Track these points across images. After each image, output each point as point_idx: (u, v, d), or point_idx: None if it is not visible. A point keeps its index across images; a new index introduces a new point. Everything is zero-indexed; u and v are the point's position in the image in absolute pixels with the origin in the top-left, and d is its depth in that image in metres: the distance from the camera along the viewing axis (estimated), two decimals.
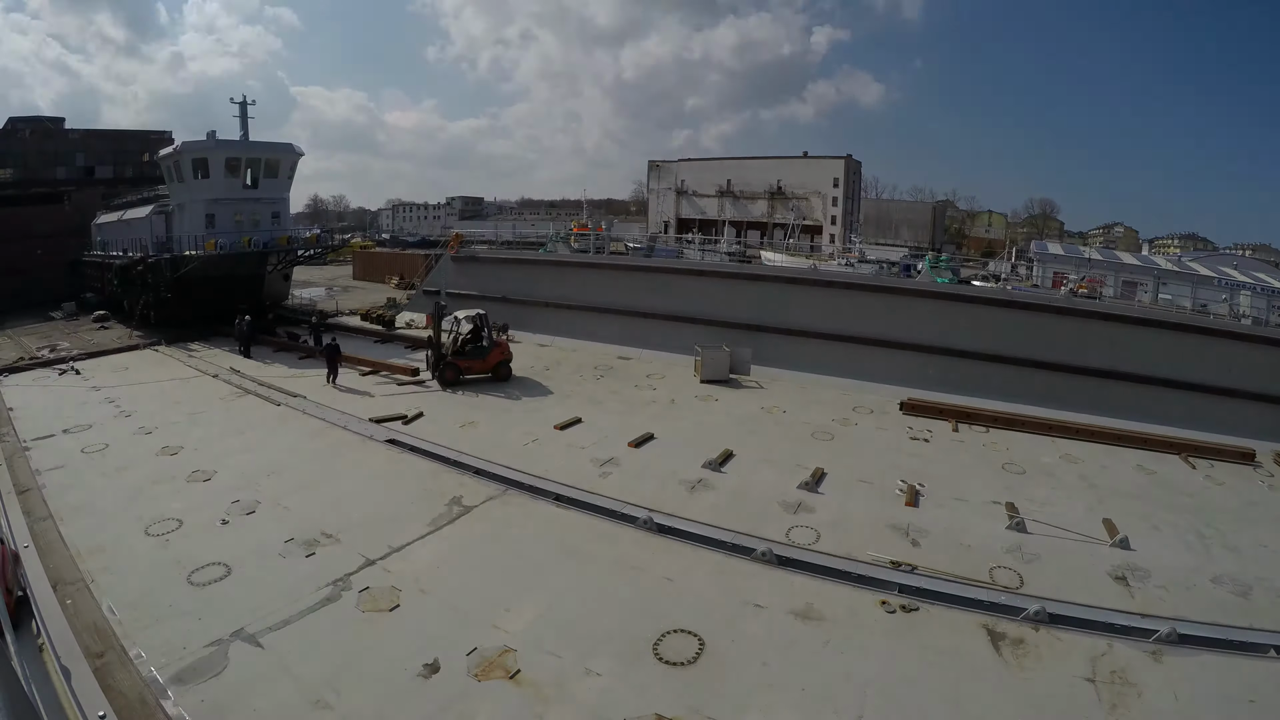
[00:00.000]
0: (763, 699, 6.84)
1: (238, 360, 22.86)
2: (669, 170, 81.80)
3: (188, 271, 26.78)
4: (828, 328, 21.52)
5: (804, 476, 12.53)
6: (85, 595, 8.50)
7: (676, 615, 8.22)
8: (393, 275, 45.46)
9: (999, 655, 7.62)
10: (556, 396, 18.58)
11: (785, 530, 10.57)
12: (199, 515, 10.82)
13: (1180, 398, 17.26)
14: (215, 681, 6.95)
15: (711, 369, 20.43)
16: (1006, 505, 11.71)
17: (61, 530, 10.29)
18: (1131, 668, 7.40)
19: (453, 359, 19.49)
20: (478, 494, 11.82)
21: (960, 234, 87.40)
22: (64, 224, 41.25)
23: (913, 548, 10.15)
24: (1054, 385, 18.37)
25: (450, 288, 30.75)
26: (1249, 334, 18.58)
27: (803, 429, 16.10)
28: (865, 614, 8.40)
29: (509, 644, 7.59)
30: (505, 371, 20.03)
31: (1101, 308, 21.01)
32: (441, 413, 16.78)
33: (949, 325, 20.19)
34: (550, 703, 6.73)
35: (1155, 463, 14.53)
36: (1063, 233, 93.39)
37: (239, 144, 29.07)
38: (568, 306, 26.54)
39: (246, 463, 13.19)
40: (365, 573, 9.13)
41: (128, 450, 13.98)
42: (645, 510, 10.88)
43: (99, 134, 49.95)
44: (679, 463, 13.38)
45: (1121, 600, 8.84)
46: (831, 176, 72.56)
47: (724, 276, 25.50)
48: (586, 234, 37.18)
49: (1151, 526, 11.16)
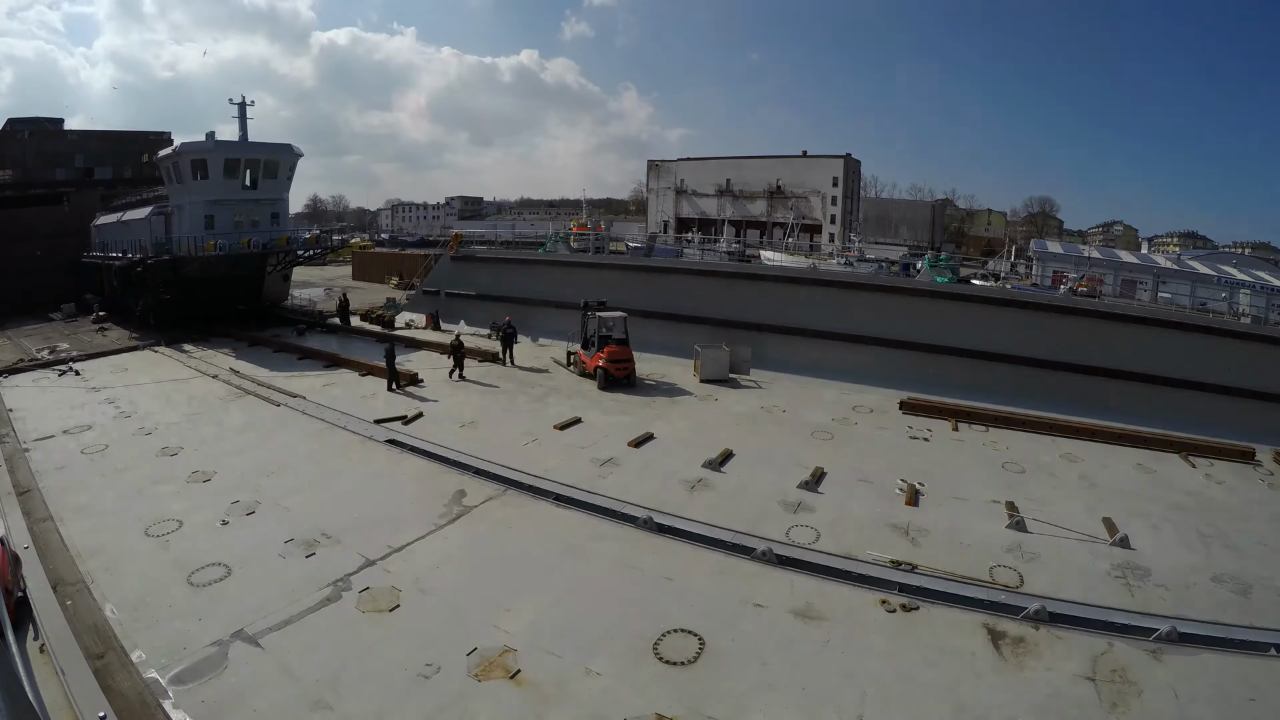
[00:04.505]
0: (763, 699, 6.84)
1: (237, 361, 22.85)
2: (668, 170, 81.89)
3: (187, 272, 26.79)
4: (827, 327, 21.50)
5: (804, 476, 12.52)
6: (85, 596, 8.50)
7: (676, 615, 8.22)
8: (392, 275, 45.48)
9: (999, 654, 7.62)
10: (556, 396, 18.58)
11: (785, 530, 10.57)
12: (199, 516, 10.82)
13: (1180, 397, 17.23)
14: (215, 682, 6.95)
15: (711, 369, 20.43)
16: (1006, 504, 11.71)
17: (62, 531, 10.29)
18: (1131, 666, 7.40)
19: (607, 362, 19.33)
20: (478, 494, 11.82)
21: (960, 233, 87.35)
22: (63, 225, 41.17)
23: (913, 547, 10.14)
24: (1054, 384, 18.35)
25: (449, 288, 30.80)
26: (1249, 332, 18.59)
27: (802, 429, 16.10)
28: (865, 613, 8.40)
29: (509, 644, 7.59)
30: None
31: (1101, 306, 21.03)
32: (441, 413, 16.78)
33: (949, 325, 20.17)
34: (550, 703, 6.73)
35: (1155, 462, 14.51)
36: (1062, 231, 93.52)
37: (238, 145, 29.05)
38: (568, 306, 26.52)
39: (246, 463, 13.19)
40: (365, 573, 9.13)
41: (128, 451, 13.98)
42: (645, 510, 10.88)
43: (98, 135, 49.90)
44: (679, 462, 13.38)
45: (1121, 599, 8.84)
46: (831, 175, 72.68)
47: (723, 276, 25.47)
48: (586, 234, 37.23)
49: (1151, 525, 11.16)
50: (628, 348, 19.80)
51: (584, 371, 20.60)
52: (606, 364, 19.28)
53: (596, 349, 19.85)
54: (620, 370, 19.41)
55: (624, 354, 19.58)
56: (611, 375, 19.29)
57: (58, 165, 46.98)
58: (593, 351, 20.04)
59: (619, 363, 19.40)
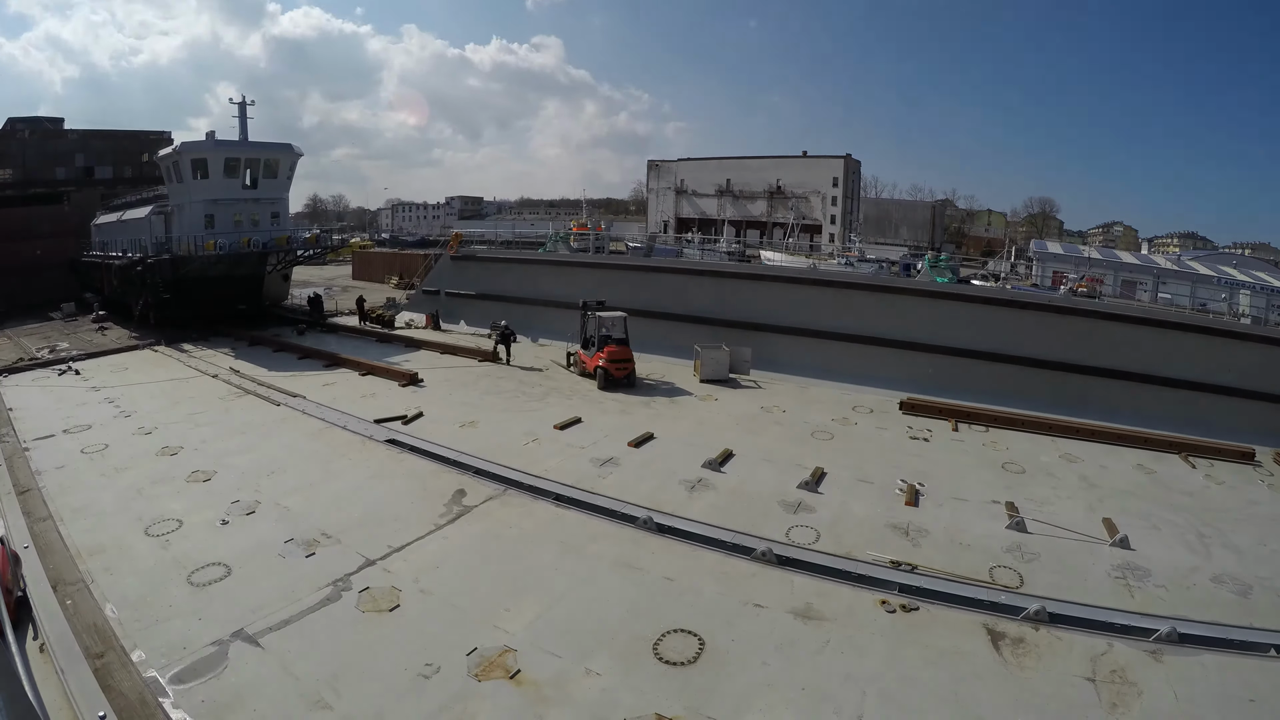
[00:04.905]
0: (763, 699, 6.84)
1: (237, 360, 22.84)
2: (668, 170, 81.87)
3: (187, 272, 26.79)
4: (828, 327, 21.50)
5: (804, 476, 12.52)
6: (85, 595, 8.50)
7: (676, 615, 8.22)
8: (392, 275, 45.51)
9: (999, 655, 7.62)
10: (556, 396, 18.58)
11: (785, 530, 10.57)
12: (199, 515, 10.81)
13: (1180, 397, 17.25)
14: (215, 681, 6.95)
15: (711, 369, 20.44)
16: (1006, 505, 11.72)
17: (61, 531, 10.28)
18: (1131, 667, 7.40)
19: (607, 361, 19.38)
20: (478, 494, 11.82)
21: (960, 233, 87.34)
22: (63, 224, 41.24)
23: (912, 547, 10.14)
24: (1053, 385, 18.37)
25: (449, 288, 30.78)
26: (1249, 333, 18.57)
27: (802, 429, 16.10)
28: (865, 614, 8.40)
29: (509, 644, 7.59)
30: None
31: (1101, 307, 20.99)
32: (441, 413, 16.78)
33: (949, 325, 20.17)
34: (550, 703, 6.73)
35: (1155, 463, 14.53)
36: (1062, 232, 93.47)
37: (238, 144, 29.08)
38: (567, 306, 26.52)
39: (246, 463, 13.19)
40: (365, 573, 9.13)
41: (127, 450, 13.97)
42: (645, 510, 10.87)
43: (98, 134, 49.97)
44: (679, 462, 13.38)
45: (1121, 600, 8.84)
46: (831, 176, 72.64)
47: (724, 276, 25.45)
48: (586, 234, 37.22)
49: (1151, 526, 11.16)
50: (628, 348, 19.81)
51: (584, 371, 20.60)
52: (606, 364, 19.29)
53: (596, 349, 19.86)
54: (620, 370, 19.41)
55: (624, 354, 19.58)
56: (611, 375, 19.29)
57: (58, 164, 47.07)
58: (592, 351, 20.04)
59: (619, 363, 19.40)
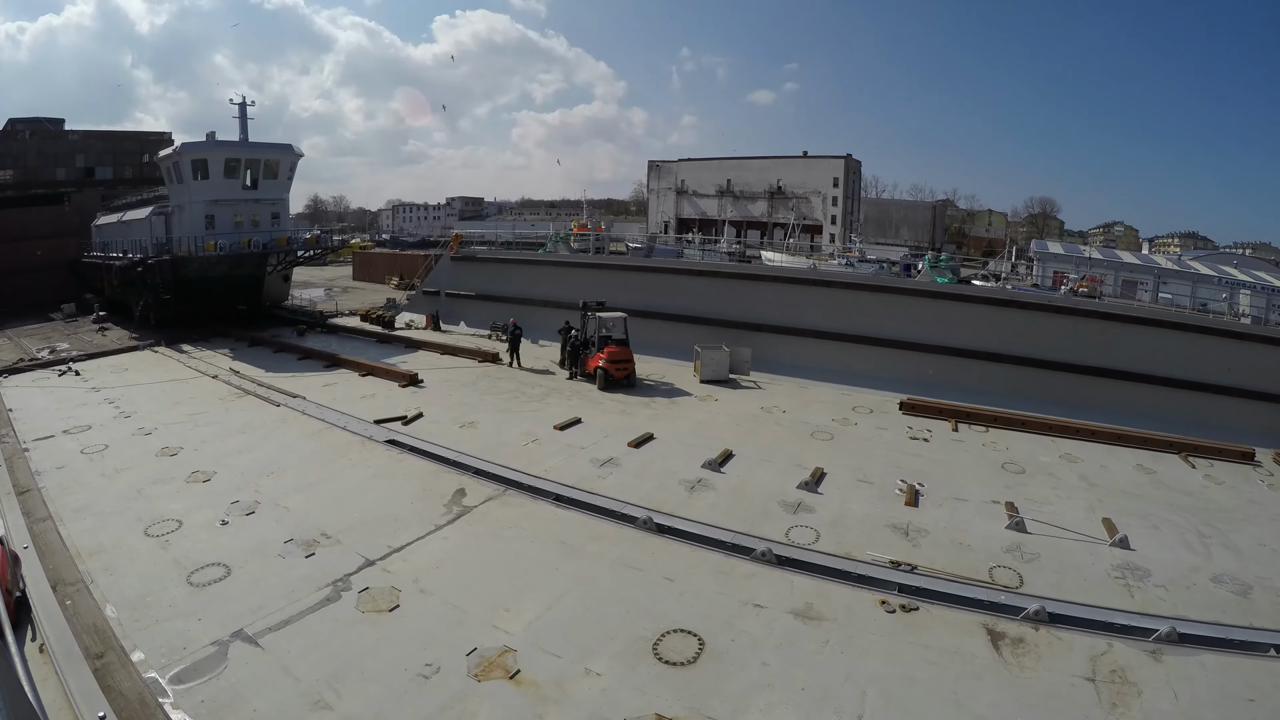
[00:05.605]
0: (763, 699, 6.83)
1: (237, 361, 22.86)
2: (669, 170, 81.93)
3: (188, 273, 26.81)
4: (828, 327, 21.50)
5: (803, 476, 12.52)
6: (85, 596, 8.50)
7: (676, 615, 8.22)
8: (392, 276, 45.53)
9: (999, 655, 7.61)
10: (556, 396, 18.58)
11: (785, 530, 10.57)
12: (199, 516, 10.81)
13: (1180, 397, 17.25)
14: (215, 682, 6.94)
15: (711, 369, 20.44)
16: (1006, 505, 11.71)
17: (61, 531, 10.29)
18: (1131, 667, 7.40)
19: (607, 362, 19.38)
20: (478, 494, 11.82)
21: (960, 233, 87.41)
22: (64, 225, 41.28)
23: (912, 547, 10.14)
24: (1053, 385, 18.36)
25: (449, 288, 30.79)
26: (1249, 333, 18.56)
27: (802, 429, 16.10)
28: (865, 614, 8.40)
29: (509, 644, 7.59)
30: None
31: (1101, 307, 20.98)
32: (441, 413, 16.78)
33: (949, 325, 20.17)
34: (550, 703, 6.72)
35: (1155, 462, 14.52)
36: (1063, 232, 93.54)
37: (238, 145, 29.10)
38: (567, 307, 26.53)
39: (246, 463, 13.19)
40: (365, 573, 9.13)
41: (127, 451, 13.98)
42: (645, 510, 10.87)
43: (99, 135, 50.04)
44: (679, 463, 13.38)
45: (1121, 599, 8.84)
46: (831, 176, 72.70)
47: (724, 276, 25.46)
48: (586, 234, 37.27)
49: (1151, 526, 11.16)
50: (628, 348, 19.81)
51: (584, 372, 20.61)
52: (606, 364, 19.29)
53: (596, 349, 19.86)
54: (620, 371, 19.41)
55: (624, 354, 19.58)
56: (611, 376, 19.29)
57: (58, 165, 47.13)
58: (593, 352, 20.04)
59: (619, 363, 19.40)
